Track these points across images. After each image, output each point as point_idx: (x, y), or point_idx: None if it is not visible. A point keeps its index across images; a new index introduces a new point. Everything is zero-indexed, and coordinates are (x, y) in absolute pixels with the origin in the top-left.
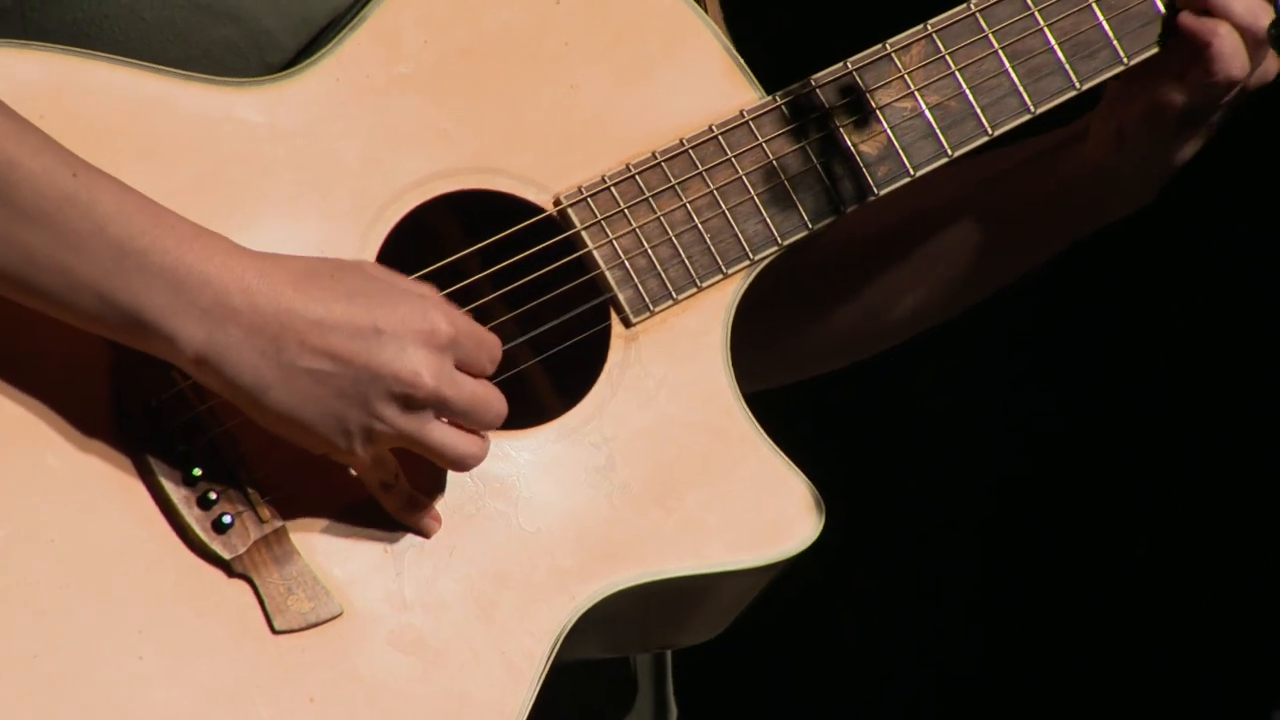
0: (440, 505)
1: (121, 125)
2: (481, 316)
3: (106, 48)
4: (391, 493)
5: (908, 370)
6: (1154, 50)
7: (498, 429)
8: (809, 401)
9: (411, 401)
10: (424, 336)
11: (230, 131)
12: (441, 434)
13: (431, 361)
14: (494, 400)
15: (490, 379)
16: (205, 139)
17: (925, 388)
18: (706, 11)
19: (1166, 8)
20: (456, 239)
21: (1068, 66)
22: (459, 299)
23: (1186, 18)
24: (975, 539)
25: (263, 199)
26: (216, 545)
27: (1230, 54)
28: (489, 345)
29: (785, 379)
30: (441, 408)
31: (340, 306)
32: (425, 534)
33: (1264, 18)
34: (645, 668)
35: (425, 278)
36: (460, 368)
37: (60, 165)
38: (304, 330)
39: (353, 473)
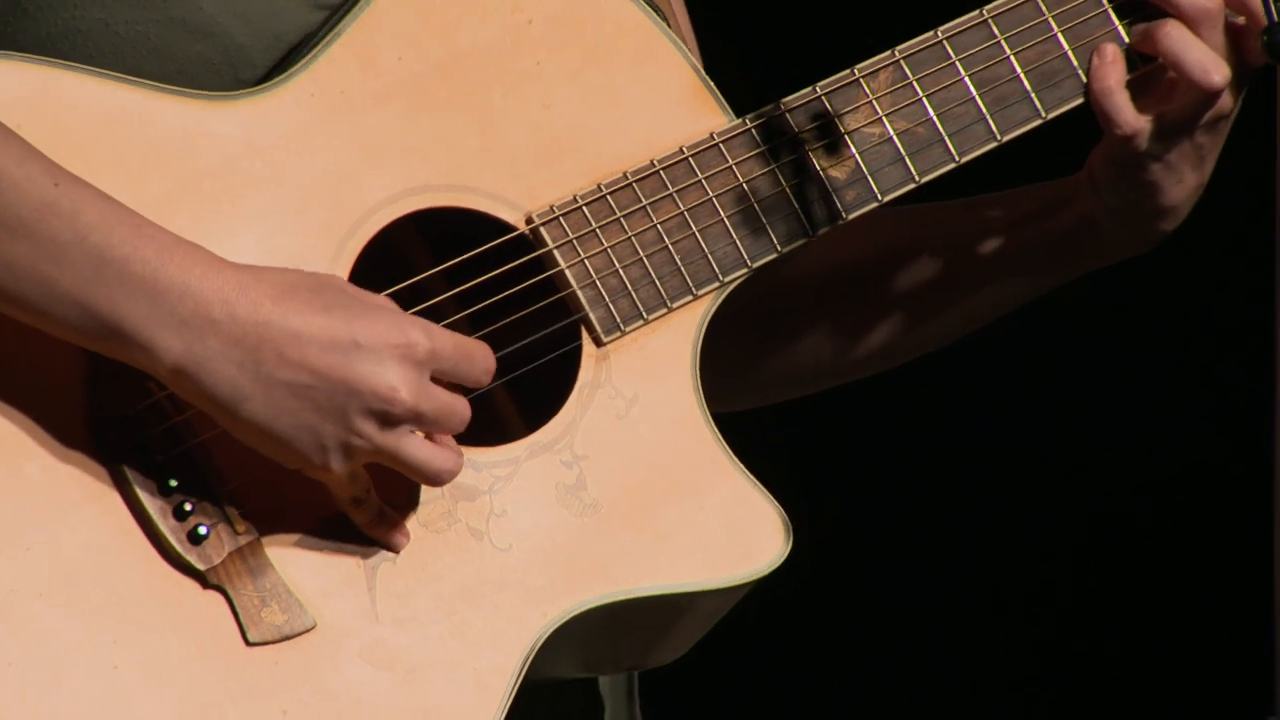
0: (412, 521)
1: (96, 136)
2: None
3: (80, 62)
4: (361, 508)
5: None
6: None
7: (467, 444)
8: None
9: (388, 417)
10: (402, 351)
11: (205, 145)
12: (418, 449)
13: (409, 376)
14: (460, 408)
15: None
16: (180, 152)
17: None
18: (676, 31)
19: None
20: (422, 257)
21: (1033, 95)
22: (427, 317)
23: (1135, 36)
24: (946, 554)
25: (236, 213)
26: (191, 556)
27: (1181, 49)
28: (479, 356)
29: (753, 403)
30: (418, 422)
31: (319, 320)
32: (394, 549)
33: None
34: (615, 688)
35: (395, 295)
36: (441, 380)
37: (42, 174)
38: (282, 343)
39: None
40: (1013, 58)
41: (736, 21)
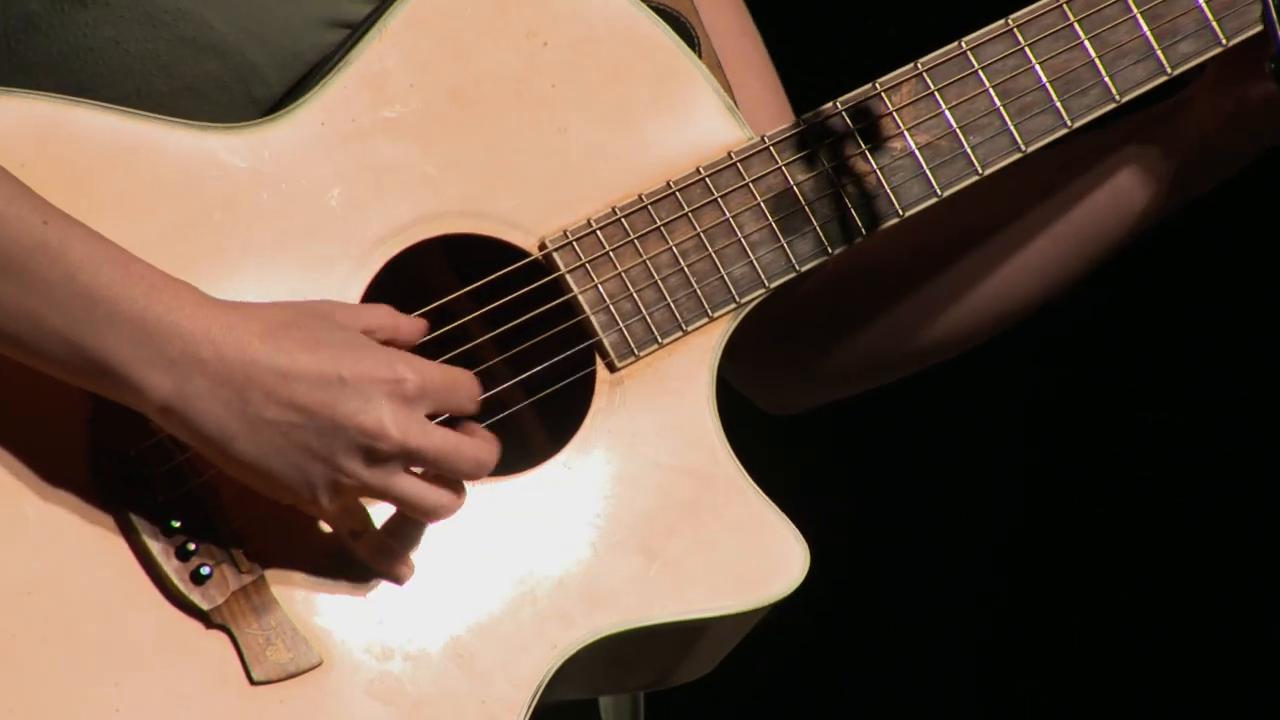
0: (421, 552)
1: (104, 171)
2: (471, 359)
3: (90, 80)
4: (361, 540)
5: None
6: (1149, 86)
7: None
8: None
9: (375, 454)
10: (389, 387)
11: (214, 176)
12: (409, 486)
13: (398, 413)
14: (469, 448)
15: (480, 422)
16: (189, 184)
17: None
18: (701, 55)
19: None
20: (447, 282)
21: (1059, 104)
22: (446, 342)
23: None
24: (960, 562)
25: (246, 244)
26: (195, 596)
27: None
28: (463, 385)
29: (810, 401)
30: (409, 459)
31: (305, 357)
32: (398, 580)
33: None
34: (619, 708)
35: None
36: (437, 415)
37: (32, 213)
38: (269, 381)
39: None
40: (1038, 66)
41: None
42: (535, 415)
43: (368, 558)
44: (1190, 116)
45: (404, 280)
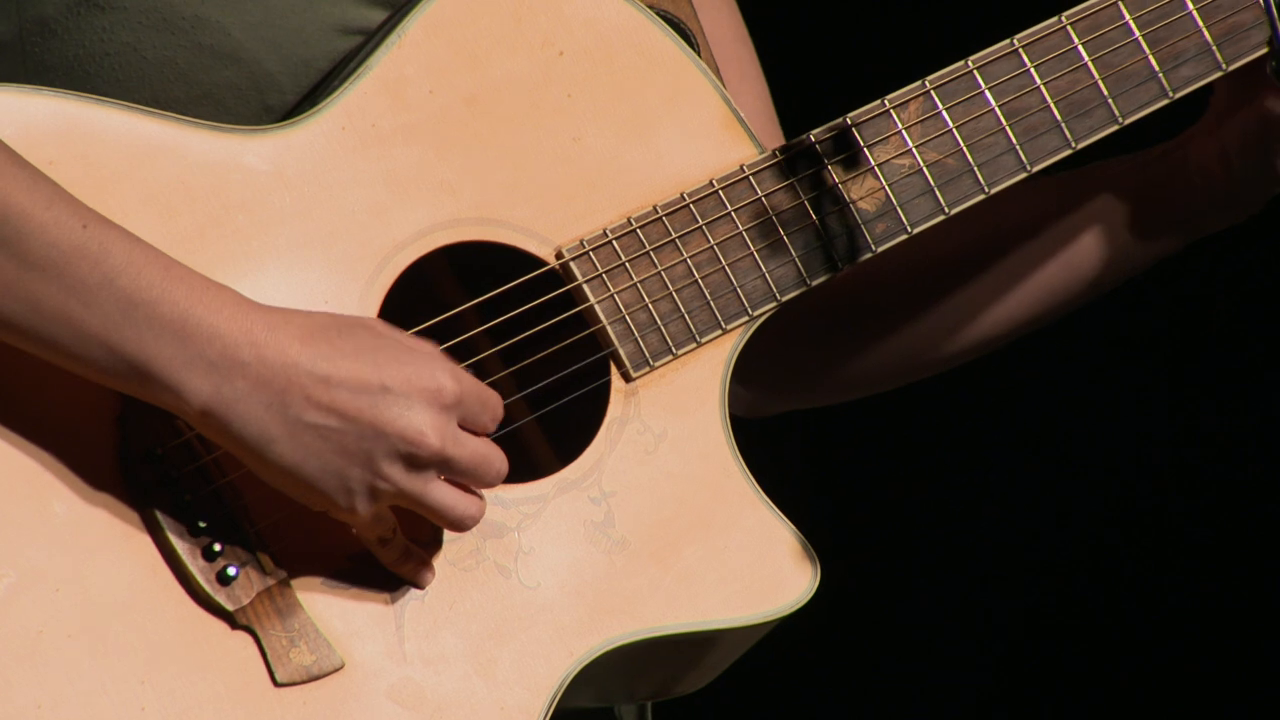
0: (440, 559)
1: (127, 171)
2: (479, 370)
3: (107, 85)
4: (388, 546)
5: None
6: (1151, 109)
7: None
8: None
9: (415, 460)
10: (430, 395)
11: (236, 179)
12: (443, 494)
13: (437, 421)
14: (495, 459)
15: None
16: (210, 186)
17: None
18: (707, 60)
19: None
20: (453, 292)
21: (1063, 125)
22: (458, 353)
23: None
24: (970, 570)
25: (267, 247)
26: (220, 597)
27: None
28: (491, 404)
29: (831, 400)
30: (444, 467)
31: (347, 363)
32: (421, 586)
33: None
34: (628, 712)
35: (425, 332)
36: (464, 426)
37: (71, 216)
38: (310, 386)
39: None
40: (1043, 87)
41: (766, 46)
42: (536, 427)
43: (393, 564)
44: (1187, 153)
45: (409, 290)
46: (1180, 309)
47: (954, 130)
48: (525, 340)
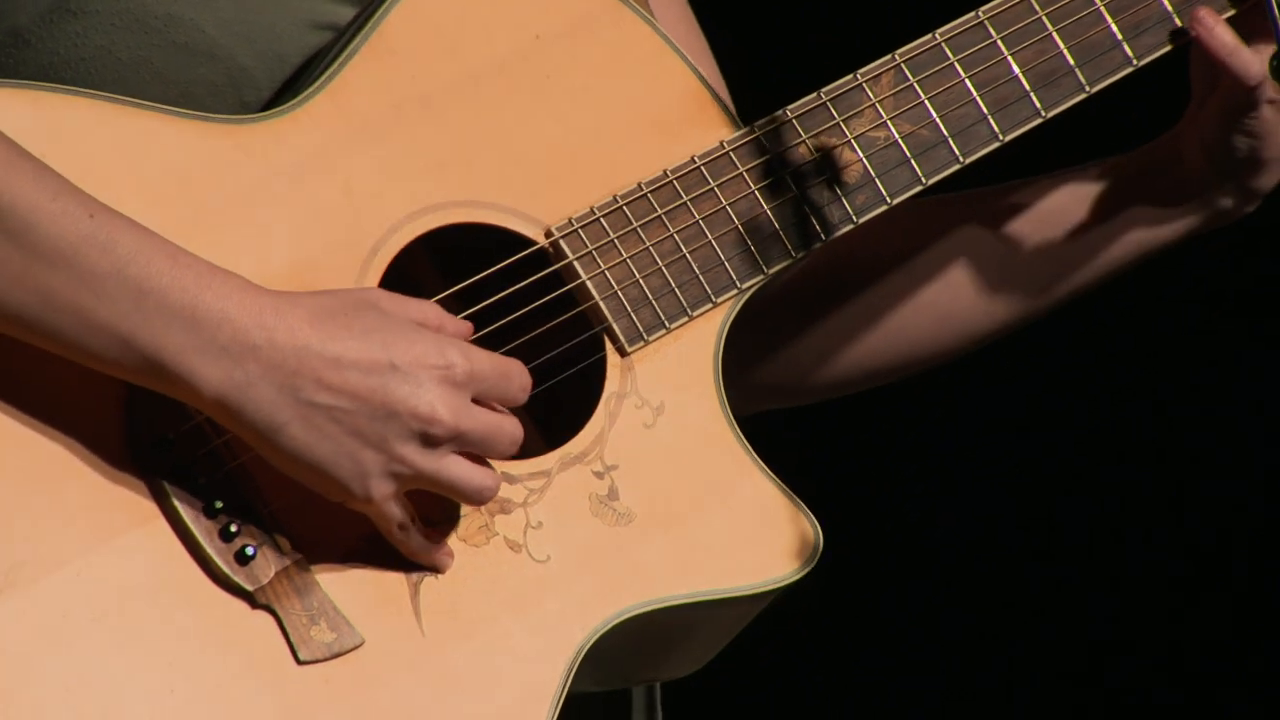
0: (452, 536)
1: (118, 163)
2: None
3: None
4: (406, 535)
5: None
6: (1118, 76)
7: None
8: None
9: (429, 438)
10: (440, 373)
11: (226, 168)
12: (460, 469)
13: (449, 397)
14: (508, 426)
15: None
16: (202, 175)
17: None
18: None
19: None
20: (430, 277)
21: (1032, 94)
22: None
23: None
24: (973, 563)
25: (259, 235)
26: (240, 577)
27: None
28: (515, 373)
29: (806, 400)
30: (459, 442)
31: (356, 344)
32: (440, 570)
33: None
34: (637, 701)
35: None
36: (483, 401)
37: (78, 207)
38: (321, 367)
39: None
40: (1010, 58)
41: (732, 27)
42: (521, 407)
43: (412, 553)
44: (1178, 144)
45: (391, 282)
46: (1178, 309)
47: (926, 102)
48: (513, 322)
